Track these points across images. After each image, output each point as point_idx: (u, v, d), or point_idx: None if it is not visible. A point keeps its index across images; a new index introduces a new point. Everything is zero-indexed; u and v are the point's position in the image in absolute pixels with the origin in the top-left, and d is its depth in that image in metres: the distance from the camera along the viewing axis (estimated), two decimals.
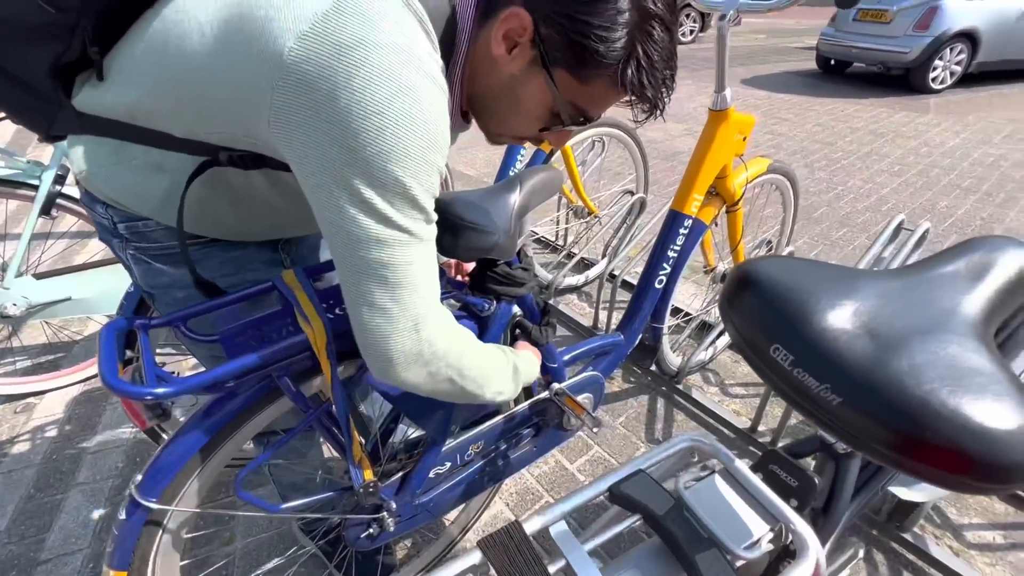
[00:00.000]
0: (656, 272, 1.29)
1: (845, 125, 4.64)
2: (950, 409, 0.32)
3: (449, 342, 0.59)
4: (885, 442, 0.34)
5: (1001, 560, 1.18)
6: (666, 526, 0.41)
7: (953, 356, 0.34)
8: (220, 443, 0.67)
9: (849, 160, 3.85)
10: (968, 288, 0.40)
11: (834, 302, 0.38)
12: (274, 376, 0.64)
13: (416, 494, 0.90)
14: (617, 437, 1.54)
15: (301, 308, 0.64)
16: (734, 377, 1.76)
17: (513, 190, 0.81)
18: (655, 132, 4.55)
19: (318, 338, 0.61)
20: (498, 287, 0.81)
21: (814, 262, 0.44)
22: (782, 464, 0.52)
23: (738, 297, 0.44)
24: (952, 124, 4.58)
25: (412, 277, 0.53)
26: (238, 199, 0.64)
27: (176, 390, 0.55)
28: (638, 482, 0.45)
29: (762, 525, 0.44)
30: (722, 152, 1.25)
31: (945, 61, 5.43)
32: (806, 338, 0.37)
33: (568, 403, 0.98)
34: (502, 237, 0.76)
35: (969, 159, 3.80)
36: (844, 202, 3.19)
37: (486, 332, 0.85)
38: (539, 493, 1.38)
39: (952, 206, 3.11)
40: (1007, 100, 5.30)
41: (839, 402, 0.36)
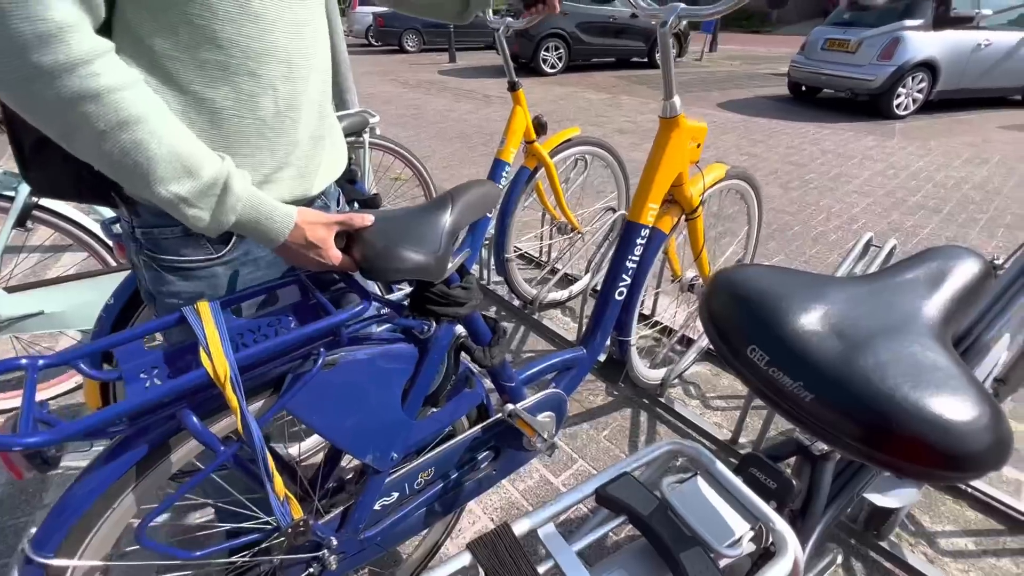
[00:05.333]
0: (616, 284, 1.27)
1: (816, 148, 4.83)
2: (912, 403, 0.34)
3: (125, 77, 0.51)
4: (854, 435, 0.36)
5: (973, 567, 1.22)
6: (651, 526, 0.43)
7: (914, 354, 0.37)
8: (125, 488, 0.62)
9: (821, 181, 4.00)
10: (927, 293, 0.43)
11: (806, 305, 0.41)
12: (178, 414, 0.58)
13: (360, 528, 0.85)
14: (601, 450, 1.55)
15: (205, 341, 0.59)
16: (715, 390, 1.79)
17: (444, 207, 0.77)
18: (637, 152, 4.67)
19: (219, 372, 0.56)
20: (436, 308, 0.77)
21: (788, 269, 0.46)
22: (761, 467, 0.53)
23: (717, 301, 0.46)
24: (916, 148, 4.80)
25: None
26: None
27: (55, 437, 0.50)
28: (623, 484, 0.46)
29: (743, 524, 0.45)
30: (675, 160, 1.23)
31: (908, 89, 5.71)
32: (780, 338, 0.40)
33: (520, 425, 0.93)
34: (429, 257, 0.72)
35: (932, 181, 3.98)
36: (816, 221, 3.30)
37: (426, 355, 0.80)
38: (524, 508, 1.37)
39: (918, 225, 3.24)
40: (966, 126, 5.58)
41: (811, 399, 0.38)
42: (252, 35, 0.61)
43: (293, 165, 0.72)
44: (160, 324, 0.64)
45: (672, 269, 1.65)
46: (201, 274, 0.72)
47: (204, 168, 0.58)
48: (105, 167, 0.55)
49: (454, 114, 6.21)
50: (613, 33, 9.12)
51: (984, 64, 5.80)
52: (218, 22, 0.58)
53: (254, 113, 0.65)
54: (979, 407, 0.34)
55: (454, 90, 7.70)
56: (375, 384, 0.75)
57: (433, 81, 8.52)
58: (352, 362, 0.71)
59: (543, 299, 2.15)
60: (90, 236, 1.62)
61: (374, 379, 0.75)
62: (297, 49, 0.67)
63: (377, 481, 0.82)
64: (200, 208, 0.59)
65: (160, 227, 0.68)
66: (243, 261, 0.74)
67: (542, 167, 1.87)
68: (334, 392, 0.70)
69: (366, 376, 0.73)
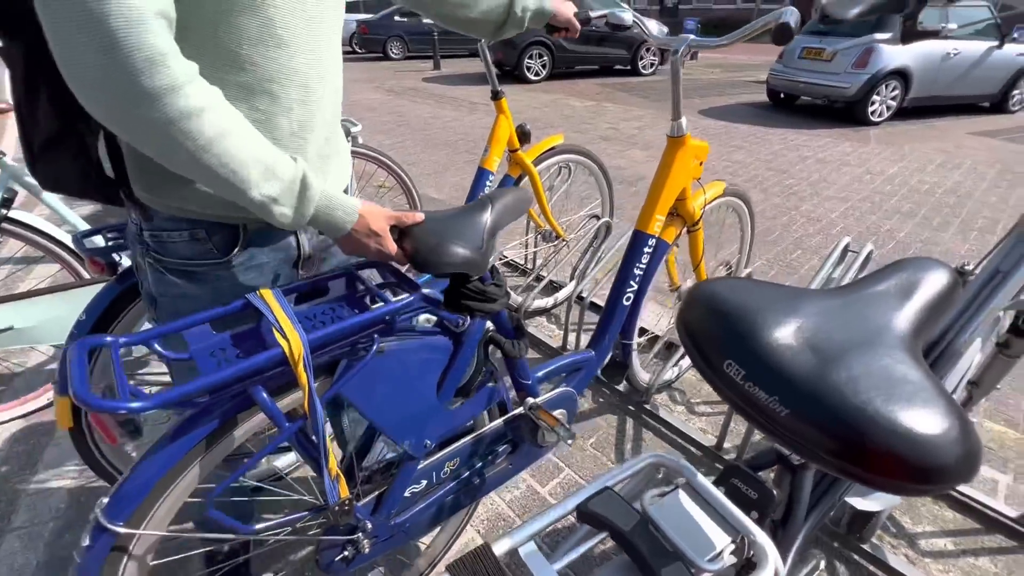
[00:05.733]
0: (624, 290, 1.34)
1: (795, 154, 4.92)
2: (884, 416, 0.35)
3: (214, 96, 0.55)
4: (828, 449, 0.36)
5: (953, 566, 1.24)
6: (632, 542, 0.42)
7: (885, 367, 0.37)
8: (191, 463, 0.65)
9: (800, 187, 4.07)
10: (898, 305, 0.44)
11: (780, 320, 0.41)
12: (249, 390, 0.62)
13: (392, 514, 0.90)
14: (587, 458, 1.55)
15: (278, 323, 0.63)
16: (699, 395, 1.80)
17: (485, 209, 0.85)
18: (620, 159, 4.71)
19: (295, 352, 0.61)
20: (472, 303, 0.82)
21: (762, 282, 0.47)
22: (742, 477, 0.54)
23: (692, 316, 0.46)
24: (891, 154, 4.92)
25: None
26: None
27: (150, 404, 0.54)
28: (605, 499, 0.46)
29: (724, 537, 0.45)
30: (681, 176, 1.32)
31: (882, 96, 5.86)
32: (755, 354, 0.40)
33: (543, 416, 0.99)
34: (475, 253, 0.79)
35: (907, 186, 4.08)
36: (797, 226, 3.36)
37: (460, 348, 0.86)
38: (511, 519, 1.36)
39: (894, 229, 3.32)
40: (938, 132, 5.74)
41: (787, 413, 0.38)
42: (275, 58, 0.63)
43: None
44: (227, 310, 0.67)
45: (671, 279, 1.68)
46: (206, 277, 0.75)
47: (285, 169, 0.62)
48: (204, 179, 0.58)
49: (439, 121, 6.21)
50: (596, 41, 9.23)
51: (954, 72, 5.98)
52: (244, 45, 0.60)
53: (269, 133, 0.67)
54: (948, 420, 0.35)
55: (439, 97, 7.71)
56: (416, 373, 0.81)
57: (417, 88, 8.52)
58: (399, 350, 0.76)
59: (528, 306, 2.15)
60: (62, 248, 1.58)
61: (416, 368, 0.80)
62: (315, 73, 0.69)
63: (411, 467, 0.87)
64: (285, 206, 0.64)
65: (169, 231, 0.71)
66: (248, 266, 0.76)
67: (526, 175, 1.87)
68: (382, 378, 0.75)
69: (409, 364, 0.79)
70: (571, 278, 2.35)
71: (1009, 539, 1.30)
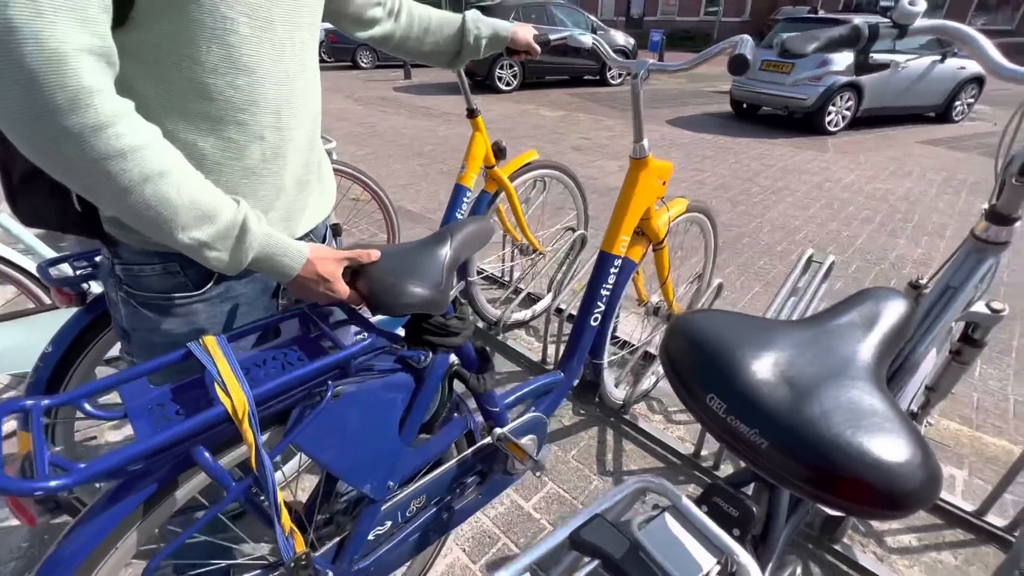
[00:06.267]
0: (591, 310, 1.35)
1: (759, 162, 5.11)
2: (855, 448, 0.38)
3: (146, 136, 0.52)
4: (807, 480, 0.39)
5: (917, 561, 1.30)
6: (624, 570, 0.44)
7: (853, 399, 0.41)
8: (127, 530, 0.60)
9: (765, 194, 4.23)
10: (862, 337, 0.48)
11: (756, 354, 0.44)
12: (191, 452, 0.58)
13: (355, 560, 0.85)
14: (570, 471, 1.56)
15: (220, 377, 0.59)
16: (676, 404, 1.84)
17: (444, 243, 0.81)
18: (592, 169, 4.80)
19: (238, 409, 0.57)
20: (433, 338, 0.80)
21: (737, 315, 0.50)
22: (723, 495, 0.56)
23: (675, 349, 0.49)
24: (848, 162, 5.16)
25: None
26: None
27: (73, 481, 0.49)
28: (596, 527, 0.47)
29: (710, 559, 0.48)
30: (644, 196, 1.34)
31: (837, 107, 6.16)
32: (736, 389, 0.43)
33: (510, 448, 0.97)
34: (433, 291, 0.75)
35: (863, 193, 4.29)
36: (763, 233, 3.49)
37: (422, 384, 0.82)
38: (496, 535, 1.37)
39: (853, 235, 3.48)
40: (890, 141, 6.06)
41: (767, 445, 0.41)
42: (241, 87, 0.62)
43: (278, 209, 0.73)
44: (165, 360, 0.64)
45: (639, 295, 1.72)
46: (180, 311, 0.72)
47: (222, 213, 0.60)
48: (129, 219, 0.56)
49: (410, 132, 6.19)
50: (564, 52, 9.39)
51: (902, 84, 6.33)
52: (207, 75, 0.59)
53: (240, 161, 0.66)
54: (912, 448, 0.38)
55: (410, 107, 7.69)
56: (375, 414, 0.77)
57: (388, 98, 8.49)
58: (355, 393, 0.72)
59: (507, 320, 2.17)
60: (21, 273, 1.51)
61: (375, 409, 0.77)
62: (287, 100, 0.68)
63: (373, 511, 0.83)
64: (220, 250, 0.61)
65: (140, 264, 0.69)
66: (224, 298, 0.74)
67: (502, 191, 1.89)
68: (338, 424, 0.72)
69: (368, 407, 0.76)
70: (548, 289, 2.38)
71: (967, 532, 1.37)
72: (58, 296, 0.96)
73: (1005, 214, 0.78)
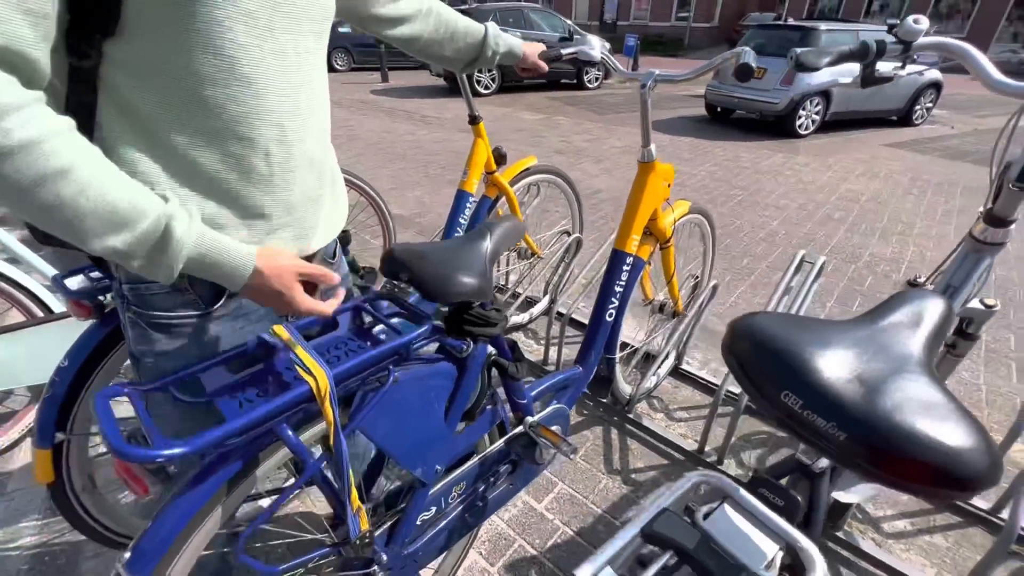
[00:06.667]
0: (606, 307, 1.40)
1: (735, 165, 5.27)
2: (932, 439, 0.41)
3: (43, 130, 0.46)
4: (886, 468, 0.43)
5: (913, 545, 1.37)
6: (700, 559, 0.47)
7: (917, 393, 0.44)
8: (213, 508, 0.64)
9: (742, 196, 4.36)
10: (911, 335, 0.52)
11: (823, 353, 0.48)
12: (275, 428, 0.62)
13: (405, 543, 0.90)
14: (579, 471, 1.59)
15: (299, 359, 0.63)
16: (676, 402, 1.89)
17: (484, 238, 0.88)
18: (574, 172, 4.86)
19: (322, 387, 0.61)
20: (474, 328, 0.84)
21: (792, 316, 0.54)
22: (769, 487, 0.59)
23: (742, 350, 0.52)
24: (819, 164, 5.36)
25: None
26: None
27: (191, 449, 0.53)
28: (666, 521, 0.50)
29: (772, 546, 0.51)
30: (652, 197, 1.41)
31: (807, 111, 6.39)
32: (811, 385, 0.46)
33: (544, 433, 1.02)
34: (481, 280, 0.82)
35: (836, 194, 4.46)
36: (743, 234, 3.60)
37: (465, 373, 0.87)
38: (511, 537, 1.38)
39: (828, 235, 3.62)
40: (857, 144, 6.32)
41: (845, 437, 0.44)
42: (241, 99, 0.59)
43: (289, 226, 0.70)
44: (241, 350, 0.68)
45: (644, 293, 1.77)
46: (188, 331, 0.70)
47: (142, 216, 0.53)
48: (39, 224, 0.51)
49: (391, 135, 6.15)
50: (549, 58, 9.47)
51: (866, 90, 6.62)
52: (205, 87, 0.56)
53: (246, 177, 0.63)
54: (977, 436, 0.42)
55: (389, 111, 7.64)
56: (425, 400, 0.82)
57: (367, 101, 8.41)
58: (410, 379, 0.77)
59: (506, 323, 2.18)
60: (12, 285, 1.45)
61: (426, 395, 0.82)
62: (292, 111, 0.65)
63: (422, 495, 0.88)
64: (141, 259, 0.54)
65: (148, 283, 0.66)
66: (236, 315, 0.73)
67: (503, 196, 1.92)
68: (395, 407, 0.76)
69: (420, 392, 0.80)
70: (544, 292, 2.41)
71: (955, 516, 1.45)
72: (74, 308, 0.94)
73: (1002, 217, 0.84)
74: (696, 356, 2.17)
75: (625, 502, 1.49)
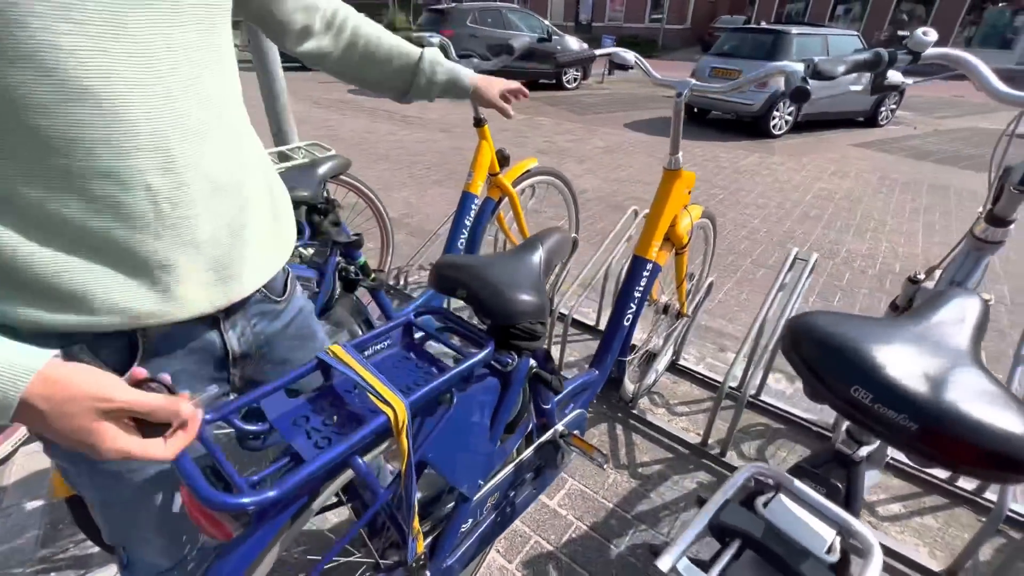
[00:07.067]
0: (625, 311, 1.43)
1: (715, 164, 5.40)
2: (1001, 429, 0.45)
3: None
4: (954, 454, 0.46)
5: (907, 527, 1.45)
6: (768, 546, 0.50)
7: (977, 384, 0.49)
8: (277, 542, 0.62)
9: (723, 195, 4.48)
10: (959, 331, 0.56)
11: (885, 350, 0.51)
12: (349, 462, 0.61)
13: (446, 556, 0.90)
14: (587, 467, 1.62)
15: (372, 387, 0.61)
16: (676, 397, 1.94)
17: (535, 252, 0.88)
18: None
19: (400, 419, 0.59)
20: (520, 342, 0.84)
21: (848, 315, 0.57)
22: (811, 476, 0.63)
23: (806, 348, 0.55)
24: (793, 164, 5.54)
25: None
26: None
27: (278, 494, 0.51)
28: (732, 512, 0.53)
29: (829, 531, 0.54)
30: (676, 204, 1.44)
31: (781, 112, 6.60)
32: (880, 380, 0.49)
33: (576, 443, 1.03)
34: (540, 298, 0.81)
35: (811, 193, 4.62)
36: (727, 232, 3.70)
37: (509, 387, 0.87)
38: (527, 535, 1.40)
39: (806, 232, 3.75)
40: (828, 144, 6.55)
41: (917, 428, 0.47)
42: (89, 123, 0.45)
43: (203, 270, 0.56)
44: (299, 373, 0.65)
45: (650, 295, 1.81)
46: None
47: None
48: None
49: (374, 135, 6.08)
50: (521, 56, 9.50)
51: (835, 91, 6.86)
52: (35, 115, 0.43)
53: (126, 221, 0.49)
54: None
55: (369, 110, 7.54)
56: (474, 417, 0.81)
57: (345, 100, 8.28)
58: (464, 397, 0.76)
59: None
60: None
61: (474, 412, 0.81)
62: (176, 127, 0.50)
63: (465, 508, 0.87)
64: None
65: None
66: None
67: (506, 198, 1.93)
68: (449, 427, 0.75)
69: (472, 410, 0.80)
70: None
71: (943, 497, 1.54)
72: None
73: (1002, 217, 0.90)
74: (691, 352, 2.23)
75: (634, 496, 1.52)
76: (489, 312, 0.77)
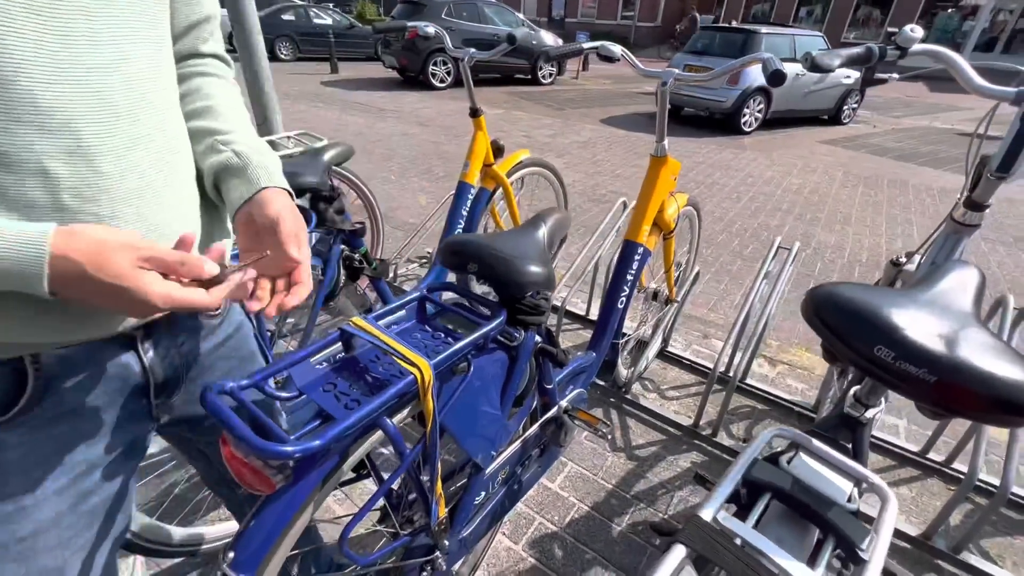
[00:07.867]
0: (618, 295, 1.48)
1: (690, 159, 5.53)
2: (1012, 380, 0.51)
3: None
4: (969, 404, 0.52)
5: None
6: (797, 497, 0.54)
7: (983, 341, 0.54)
8: (310, 503, 0.64)
9: (699, 189, 4.60)
10: (963, 297, 0.62)
11: (902, 313, 0.56)
12: (378, 422, 0.62)
13: (461, 528, 0.93)
14: (586, 451, 1.67)
15: (396, 351, 0.64)
16: (666, 382, 2.01)
17: (539, 228, 0.92)
18: None
19: (426, 378, 0.62)
20: (527, 317, 0.87)
21: (865, 286, 0.62)
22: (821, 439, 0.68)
23: (830, 314, 0.60)
24: (764, 159, 5.73)
25: None
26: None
27: (322, 443, 0.53)
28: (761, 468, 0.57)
29: (848, 484, 0.59)
30: (663, 190, 1.50)
31: (751, 109, 6.80)
32: (902, 340, 0.55)
33: (583, 416, 1.07)
34: (548, 270, 0.85)
35: (781, 187, 4.80)
36: (705, 224, 3.81)
37: (516, 361, 0.89)
38: (531, 516, 1.43)
39: (779, 225, 3.90)
40: (796, 141, 6.79)
41: (935, 380, 0.53)
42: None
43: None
44: (325, 342, 0.67)
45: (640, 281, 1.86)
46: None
47: None
48: None
49: (348, 129, 5.99)
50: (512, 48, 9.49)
51: (802, 90, 7.13)
52: None
53: (7, 215, 0.41)
54: None
55: (342, 103, 7.41)
56: (487, 387, 0.83)
57: (318, 93, 8.11)
58: (478, 367, 0.78)
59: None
60: None
61: (488, 382, 0.83)
62: (94, 105, 0.43)
63: (479, 479, 0.90)
64: None
65: None
66: (55, 414, 0.50)
67: (499, 187, 1.95)
68: (466, 395, 0.77)
69: (485, 380, 0.81)
70: None
71: (915, 469, 1.65)
72: None
73: (979, 202, 0.98)
74: (679, 339, 2.30)
75: (632, 476, 1.58)
76: (501, 283, 0.79)
